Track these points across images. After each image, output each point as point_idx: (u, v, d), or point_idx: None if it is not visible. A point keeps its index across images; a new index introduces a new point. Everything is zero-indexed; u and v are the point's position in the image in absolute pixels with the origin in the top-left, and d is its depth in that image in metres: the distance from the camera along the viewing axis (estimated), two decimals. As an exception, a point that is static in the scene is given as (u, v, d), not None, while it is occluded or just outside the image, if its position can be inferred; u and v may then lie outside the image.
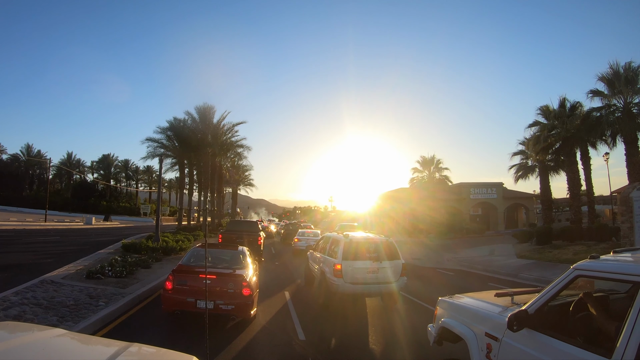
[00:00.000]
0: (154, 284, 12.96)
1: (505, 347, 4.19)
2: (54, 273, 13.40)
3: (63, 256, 18.00)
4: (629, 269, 3.44)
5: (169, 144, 44.93)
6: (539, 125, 34.24)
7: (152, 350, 2.76)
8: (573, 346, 3.47)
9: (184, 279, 8.95)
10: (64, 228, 44.21)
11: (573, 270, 3.84)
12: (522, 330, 3.94)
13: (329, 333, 9.15)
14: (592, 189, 32.40)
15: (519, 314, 3.91)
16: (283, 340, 8.42)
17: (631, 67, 28.46)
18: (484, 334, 4.57)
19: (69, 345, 2.62)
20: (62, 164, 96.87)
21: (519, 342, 4.03)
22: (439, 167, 54.72)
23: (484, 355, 4.50)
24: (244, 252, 11.14)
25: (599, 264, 3.71)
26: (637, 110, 28.22)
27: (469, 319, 4.99)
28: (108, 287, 11.85)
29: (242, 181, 72.67)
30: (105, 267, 13.96)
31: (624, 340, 2.99)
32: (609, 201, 51.10)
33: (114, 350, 2.47)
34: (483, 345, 4.55)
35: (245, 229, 23.71)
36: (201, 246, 11.82)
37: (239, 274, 9.34)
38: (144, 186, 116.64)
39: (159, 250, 20.73)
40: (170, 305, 8.87)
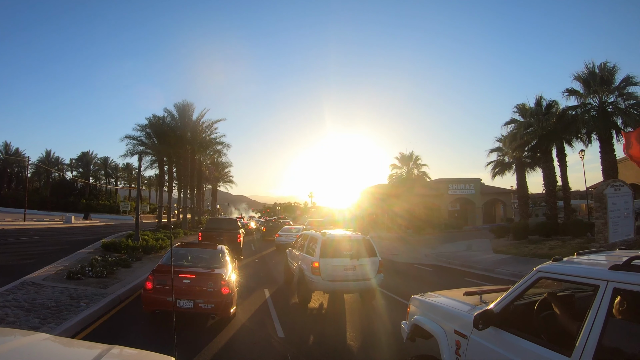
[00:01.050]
0: (134, 283, 13.02)
1: (473, 345, 4.37)
2: (35, 274, 13.35)
3: (43, 257, 17.89)
4: (588, 272, 3.61)
5: (148, 141, 44.76)
6: (516, 122, 34.73)
7: (133, 352, 2.85)
8: (536, 345, 3.64)
9: (163, 278, 8.98)
10: (43, 227, 43.70)
11: (536, 272, 4.05)
12: (489, 328, 4.13)
13: (308, 330, 9.33)
14: (567, 185, 32.97)
15: (485, 313, 4.11)
16: (262, 338, 8.56)
17: (606, 67, 28.97)
18: (453, 332, 4.74)
19: (52, 350, 2.67)
20: (41, 162, 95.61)
21: (486, 339, 4.20)
22: (418, 163, 54.92)
23: (453, 351, 4.67)
24: (223, 250, 11.22)
25: (560, 266, 3.91)
26: (611, 109, 28.75)
27: (439, 317, 5.16)
28: (89, 287, 11.88)
29: (222, 178, 72.58)
30: (85, 267, 13.98)
31: (582, 340, 3.18)
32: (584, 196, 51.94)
33: (96, 353, 2.53)
34: (452, 342, 4.72)
35: (224, 227, 23.79)
36: (180, 245, 11.90)
37: (218, 273, 9.44)
38: (123, 184, 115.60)
39: (139, 249, 20.71)
40: (151, 305, 8.97)
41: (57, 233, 36.59)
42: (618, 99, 29.00)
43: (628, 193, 20.85)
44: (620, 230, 20.50)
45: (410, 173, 54.48)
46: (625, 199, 20.69)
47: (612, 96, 29.17)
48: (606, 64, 29.15)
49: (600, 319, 3.14)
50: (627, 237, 20.66)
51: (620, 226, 20.53)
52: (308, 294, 11.94)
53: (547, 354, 3.42)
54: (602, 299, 3.21)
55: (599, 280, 3.36)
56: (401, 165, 55.38)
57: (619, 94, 28.83)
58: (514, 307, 4.30)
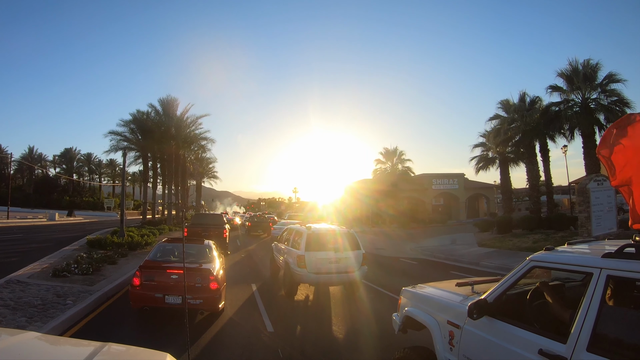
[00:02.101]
0: (121, 280, 12.99)
1: (467, 334, 4.44)
2: (20, 272, 13.22)
3: (28, 254, 17.69)
4: (581, 260, 3.68)
5: (132, 137, 44.29)
6: (500, 118, 35.11)
7: (126, 349, 2.81)
8: (530, 332, 3.72)
9: (151, 274, 9.00)
10: (27, 225, 43.12)
11: (529, 261, 4.11)
12: (482, 317, 4.19)
13: (297, 324, 9.42)
14: (550, 180, 33.41)
15: (479, 303, 4.19)
16: (252, 333, 8.60)
17: (589, 64, 29.33)
18: (446, 322, 4.79)
19: (42, 348, 2.62)
20: (24, 159, 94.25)
21: (479, 329, 4.27)
22: (402, 158, 55.10)
23: (446, 342, 4.73)
24: (210, 246, 11.23)
25: (553, 255, 3.98)
26: (594, 106, 29.11)
27: (431, 308, 5.22)
28: (75, 285, 11.80)
29: (206, 174, 72.39)
30: (71, 264, 13.86)
31: (577, 326, 3.25)
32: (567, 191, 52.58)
33: (89, 351, 2.49)
34: (446, 332, 4.78)
35: (210, 223, 23.87)
36: (167, 241, 11.83)
37: (206, 268, 9.42)
38: (107, 180, 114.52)
39: (124, 245, 20.58)
40: (139, 302, 8.95)
41: (41, 230, 36.22)
42: (601, 95, 29.38)
43: (610, 187, 21.09)
44: (603, 224, 20.75)
45: (395, 168, 54.67)
46: (607, 193, 20.94)
47: (595, 93, 29.56)
48: (589, 61, 29.52)
49: (595, 305, 3.22)
50: (610, 230, 20.92)
51: (603, 220, 20.79)
52: (294, 287, 12.33)
53: (541, 341, 3.49)
54: (595, 286, 3.29)
55: (592, 267, 3.44)
56: (385, 160, 55.54)
57: (601, 90, 29.20)
58: (507, 297, 4.36)
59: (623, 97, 28.38)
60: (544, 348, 3.44)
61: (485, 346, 4.18)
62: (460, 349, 4.51)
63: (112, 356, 2.68)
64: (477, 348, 4.30)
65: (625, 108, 28.07)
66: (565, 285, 4.68)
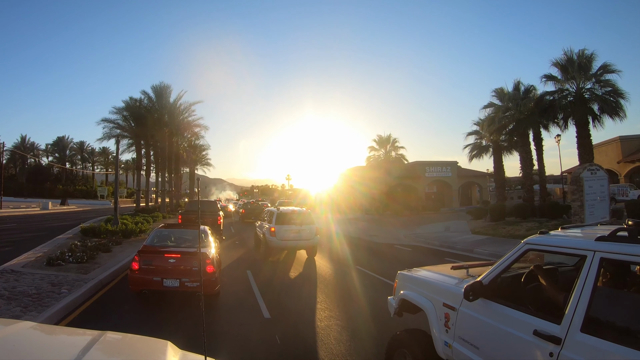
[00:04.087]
0: (115, 267, 12.99)
1: (462, 316, 4.55)
2: (14, 262, 13.20)
3: (21, 244, 17.67)
4: (575, 243, 3.81)
5: (125, 124, 44.10)
6: (494, 106, 35.17)
7: (124, 338, 2.79)
8: (525, 314, 3.80)
9: (149, 259, 9.27)
10: (20, 214, 42.86)
11: (524, 244, 4.21)
12: (477, 300, 4.31)
13: (293, 310, 9.43)
14: (543, 169, 33.60)
15: (475, 285, 4.28)
16: (249, 319, 8.66)
17: (584, 54, 29.37)
18: (442, 305, 4.89)
19: (38, 338, 2.58)
20: (16, 148, 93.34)
21: (475, 310, 4.38)
22: (395, 145, 55.09)
23: (442, 324, 4.83)
24: (206, 231, 11.60)
25: (548, 238, 4.12)
26: (589, 96, 29.20)
27: (427, 291, 5.30)
28: (69, 273, 11.79)
29: (200, 161, 72.23)
30: (65, 253, 13.85)
31: (571, 308, 3.33)
32: (559, 180, 52.78)
33: (87, 340, 2.44)
34: (441, 315, 4.88)
35: (205, 209, 23.96)
36: (164, 227, 12.18)
37: (202, 252, 9.63)
38: (100, 168, 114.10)
39: (118, 233, 20.59)
40: (138, 285, 9.23)
41: (35, 220, 36.06)
42: (595, 85, 29.47)
43: (604, 177, 21.22)
44: (596, 213, 20.87)
45: (388, 155, 54.69)
46: (601, 182, 21.06)
47: (589, 83, 29.65)
48: (584, 51, 29.56)
49: (588, 287, 3.30)
50: (602, 219, 21.01)
51: (597, 209, 20.90)
52: (268, 251, 17.15)
53: (536, 322, 3.57)
54: (589, 268, 3.37)
55: (586, 250, 3.53)
56: (379, 147, 55.54)
57: (596, 80, 29.29)
58: (502, 280, 4.48)
59: (617, 87, 28.51)
60: (538, 329, 3.54)
61: (480, 327, 4.30)
62: (455, 330, 4.62)
63: (110, 345, 2.65)
64: (472, 329, 4.41)
65: (620, 99, 28.21)
66: (559, 269, 4.77)
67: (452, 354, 4.61)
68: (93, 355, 2.31)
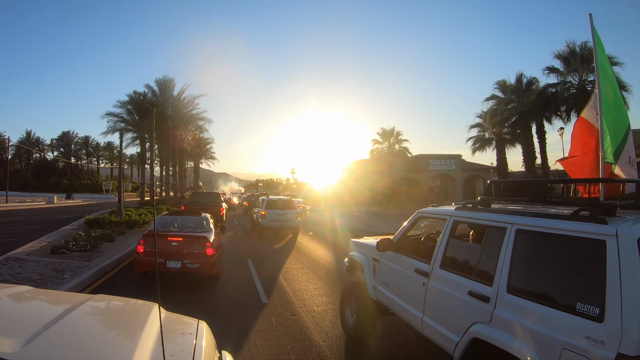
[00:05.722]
0: (118, 256, 13.17)
1: (382, 265, 6.35)
2: (18, 250, 13.41)
3: (26, 235, 17.85)
4: (445, 212, 5.36)
5: (129, 118, 44.28)
6: (496, 99, 35.15)
7: (116, 299, 3.00)
8: (419, 261, 5.39)
9: (153, 242, 9.76)
10: (25, 208, 42.94)
11: (417, 213, 6.08)
12: (390, 252, 6.10)
13: (290, 296, 9.58)
14: (546, 161, 33.53)
15: (384, 241, 6.12)
16: (248, 303, 8.88)
17: (587, 46, 29.35)
18: (371, 259, 6.76)
19: (35, 297, 2.75)
20: (21, 143, 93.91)
21: (389, 260, 6.15)
22: (399, 138, 55.20)
23: (371, 272, 6.67)
24: (207, 218, 12.10)
25: (430, 208, 6.00)
26: (591, 88, 29.13)
27: (364, 251, 7.16)
28: (73, 261, 11.97)
29: (204, 154, 72.25)
30: (69, 242, 14.06)
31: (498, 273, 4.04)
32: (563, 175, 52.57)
33: (80, 299, 2.64)
34: (371, 266, 6.74)
35: (207, 201, 24.20)
36: (167, 214, 12.92)
37: (203, 235, 10.29)
38: (105, 163, 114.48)
39: (122, 224, 20.77)
40: (142, 267, 9.80)
41: (40, 213, 36.18)
42: (598, 77, 29.42)
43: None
44: (596, 204, 20.92)
45: (392, 148, 54.73)
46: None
47: (592, 75, 29.56)
48: (587, 43, 29.51)
49: (508, 256, 4.00)
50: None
51: (596, 199, 20.95)
52: (260, 229, 21.91)
53: (472, 285, 4.31)
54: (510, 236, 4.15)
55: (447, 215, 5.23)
56: (382, 140, 55.60)
57: (599, 73, 29.24)
58: (411, 240, 6.46)
59: (620, 80, 28.39)
60: (473, 290, 4.23)
61: (391, 271, 6.07)
62: (378, 276, 6.44)
63: (102, 304, 2.84)
64: (387, 274, 6.20)
65: (622, 91, 28.17)
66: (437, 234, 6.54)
67: (377, 294, 6.39)
68: (81, 310, 2.49)
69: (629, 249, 3.04)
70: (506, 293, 3.84)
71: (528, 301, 3.63)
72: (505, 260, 3.96)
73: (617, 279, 3.01)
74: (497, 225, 4.27)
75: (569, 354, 3.14)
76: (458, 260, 4.79)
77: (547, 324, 3.40)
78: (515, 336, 3.62)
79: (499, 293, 3.91)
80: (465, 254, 4.84)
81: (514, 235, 3.99)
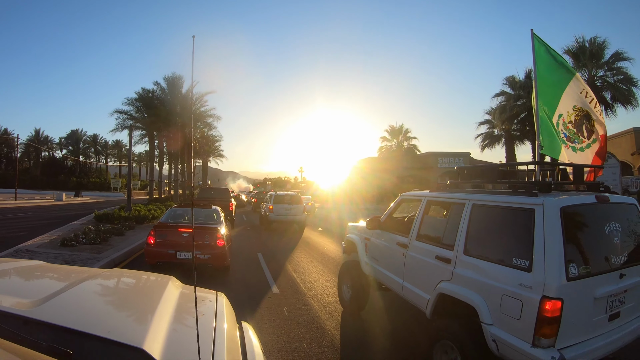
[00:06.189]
0: (128, 249, 13.20)
1: (372, 243, 7.25)
2: (28, 243, 13.47)
3: (36, 229, 17.91)
4: (421, 194, 6.34)
5: (138, 115, 44.19)
6: (505, 95, 34.91)
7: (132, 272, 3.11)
8: (400, 236, 6.32)
9: (164, 233, 9.89)
10: (35, 205, 43.05)
11: (400, 196, 7.02)
12: (378, 231, 7.04)
13: (301, 287, 9.55)
14: (556, 158, 33.20)
15: (373, 220, 7.14)
16: (258, 294, 8.86)
17: (596, 42, 29.15)
18: (364, 238, 7.63)
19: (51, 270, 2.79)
20: (30, 142, 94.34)
21: (377, 237, 7.07)
22: (407, 136, 55.00)
23: (364, 249, 7.53)
24: (217, 210, 12.15)
25: (410, 192, 6.99)
26: (601, 84, 28.97)
27: (358, 232, 8.07)
28: (83, 253, 12.01)
29: (212, 152, 72.15)
30: (79, 235, 14.12)
31: (457, 239, 4.98)
32: (573, 174, 52.19)
33: (96, 271, 2.72)
34: (364, 244, 7.59)
35: (217, 196, 24.19)
36: (178, 206, 12.85)
37: (214, 227, 10.30)
38: (113, 161, 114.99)
39: (131, 219, 20.81)
40: (153, 258, 9.81)
41: (49, 209, 36.36)
42: (607, 73, 29.22)
43: (615, 164, 21.13)
44: (607, 200, 20.73)
45: (400, 146, 54.57)
46: (612, 170, 20.96)
47: (601, 71, 29.41)
48: (596, 38, 29.34)
49: (465, 225, 4.95)
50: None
51: (608, 196, 20.77)
52: (267, 223, 22.85)
53: (438, 250, 5.28)
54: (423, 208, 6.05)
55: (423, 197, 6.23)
56: (391, 138, 55.46)
57: (608, 68, 29.06)
58: (397, 221, 7.11)
59: (629, 75, 28.25)
60: (439, 255, 5.19)
61: (379, 247, 6.98)
62: (369, 252, 7.33)
63: (120, 275, 2.86)
64: (376, 249, 7.09)
65: (632, 87, 27.97)
66: None
67: (369, 269, 7.24)
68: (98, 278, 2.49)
69: (552, 215, 3.93)
70: (463, 255, 4.79)
71: (479, 260, 4.56)
72: (463, 229, 4.92)
73: (542, 238, 3.89)
74: (458, 202, 5.25)
75: (507, 299, 4.03)
76: (429, 233, 5.75)
77: (492, 276, 4.30)
78: (470, 288, 4.54)
79: (457, 255, 4.87)
80: (435, 227, 5.75)
81: (470, 209, 4.95)
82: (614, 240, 4.35)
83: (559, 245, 3.81)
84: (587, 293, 3.93)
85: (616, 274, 4.21)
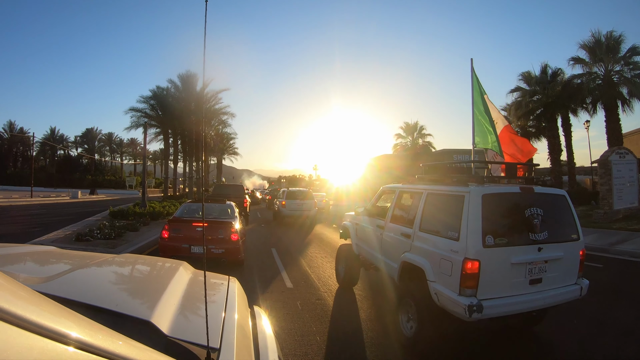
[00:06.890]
0: (142, 243, 13.32)
1: (360, 227, 8.63)
2: (43, 238, 13.60)
3: (51, 225, 18.10)
4: (395, 186, 7.68)
5: (152, 113, 44.50)
6: (521, 90, 34.47)
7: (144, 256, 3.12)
8: (380, 220, 7.58)
9: (178, 227, 10.01)
10: (50, 202, 43.43)
11: (381, 188, 8.29)
12: (366, 217, 8.31)
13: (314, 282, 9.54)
14: (572, 155, 32.80)
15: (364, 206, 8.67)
16: (273, 289, 8.89)
17: (613, 36, 28.77)
18: (355, 224, 8.97)
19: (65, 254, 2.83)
20: (46, 140, 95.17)
21: (365, 223, 8.31)
22: (422, 133, 54.65)
23: (355, 233, 8.93)
24: (232, 205, 12.32)
25: (388, 185, 8.18)
26: (617, 79, 28.62)
27: (351, 219, 9.38)
28: (97, 247, 12.12)
29: (227, 150, 72.37)
30: (94, 230, 14.23)
31: (415, 219, 6.35)
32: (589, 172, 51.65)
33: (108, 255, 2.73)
34: (354, 229, 8.97)
35: (231, 193, 24.18)
36: (192, 201, 13.04)
37: (228, 221, 10.37)
38: (128, 159, 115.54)
39: (146, 215, 20.86)
40: (167, 252, 9.74)
41: (65, 207, 36.61)
42: (624, 68, 28.85)
43: (633, 161, 20.78)
44: (624, 198, 20.51)
45: (415, 143, 54.27)
46: (630, 166, 20.63)
47: (618, 65, 29.04)
48: (612, 33, 28.93)
49: (421, 207, 6.29)
50: (631, 204, 20.65)
51: (625, 194, 20.52)
52: (280, 217, 24.25)
53: (402, 229, 6.63)
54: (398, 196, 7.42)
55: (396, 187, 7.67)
56: (406, 135, 55.20)
57: (625, 63, 28.67)
58: (379, 208, 8.17)
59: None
60: (403, 232, 6.53)
61: (365, 230, 8.30)
62: (358, 235, 8.76)
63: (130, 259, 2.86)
64: (363, 232, 8.43)
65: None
66: None
67: (358, 249, 8.66)
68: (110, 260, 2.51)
69: (475, 200, 5.17)
70: (419, 231, 6.11)
71: (428, 234, 5.91)
72: (420, 211, 6.27)
73: (467, 216, 5.15)
74: (418, 191, 6.62)
75: (443, 261, 5.33)
76: (399, 216, 7.10)
77: (435, 245, 5.63)
78: (421, 256, 5.87)
79: (415, 231, 6.19)
80: (403, 211, 7.08)
81: (425, 196, 6.31)
82: (533, 221, 5.38)
83: (478, 221, 5.06)
84: (504, 258, 5.09)
85: (534, 247, 5.28)
